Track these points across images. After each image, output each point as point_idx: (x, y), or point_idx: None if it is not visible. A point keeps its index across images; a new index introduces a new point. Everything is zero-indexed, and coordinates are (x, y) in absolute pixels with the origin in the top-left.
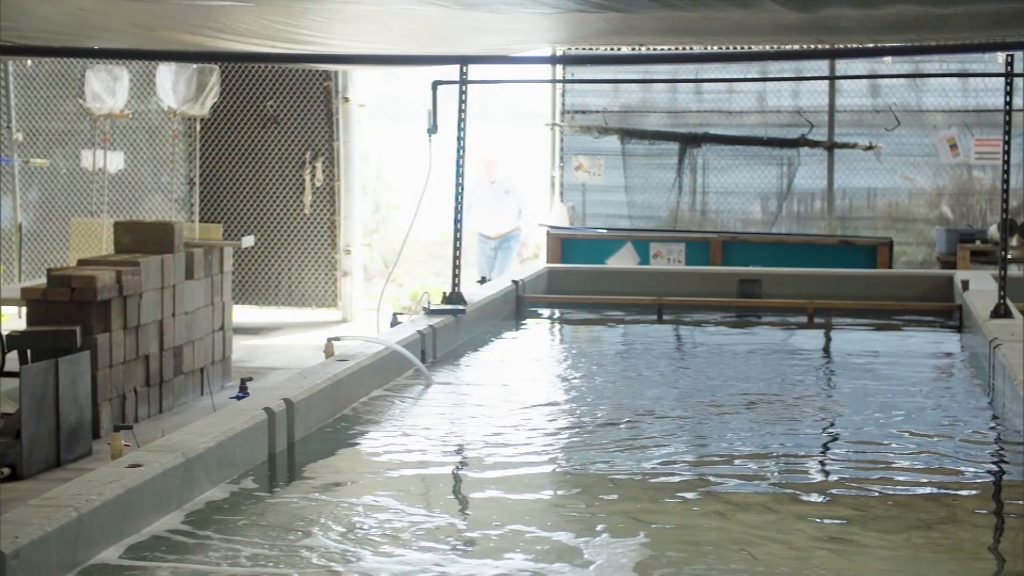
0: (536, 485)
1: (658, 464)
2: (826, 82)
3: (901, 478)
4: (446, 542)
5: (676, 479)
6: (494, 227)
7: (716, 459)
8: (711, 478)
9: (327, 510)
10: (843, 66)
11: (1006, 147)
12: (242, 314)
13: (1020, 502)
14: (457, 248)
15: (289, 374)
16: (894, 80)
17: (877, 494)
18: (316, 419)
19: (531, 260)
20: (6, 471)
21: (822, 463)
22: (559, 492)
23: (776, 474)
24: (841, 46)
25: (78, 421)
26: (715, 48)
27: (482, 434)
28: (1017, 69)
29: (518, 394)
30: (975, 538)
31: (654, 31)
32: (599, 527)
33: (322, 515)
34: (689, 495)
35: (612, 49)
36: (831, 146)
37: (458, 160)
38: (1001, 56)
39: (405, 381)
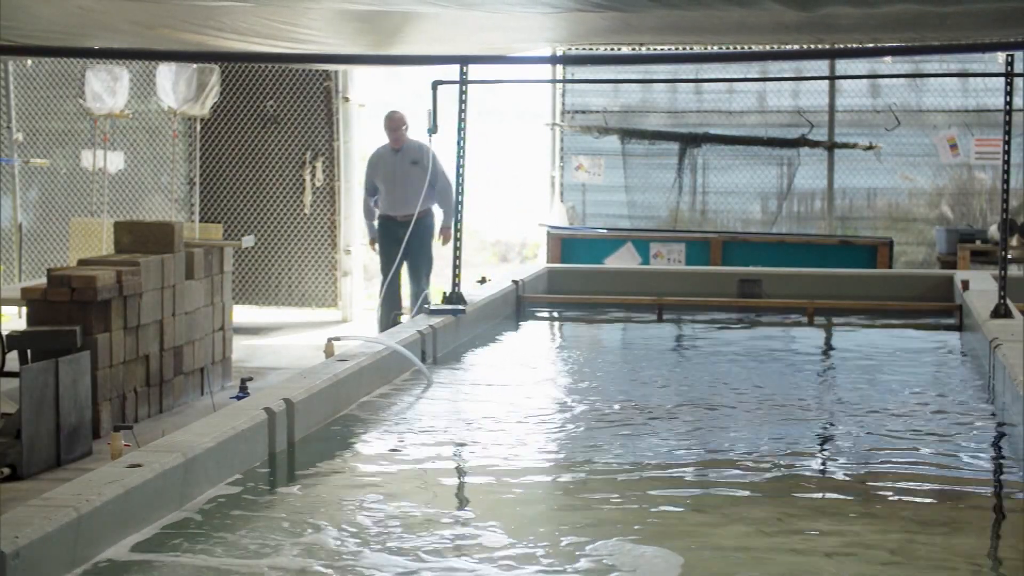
0: (537, 485)
1: (660, 464)
2: (826, 82)
3: (901, 478)
4: (446, 542)
5: (678, 479)
6: (398, 207)
7: (717, 458)
8: (713, 477)
9: (327, 510)
10: (843, 66)
11: (1006, 147)
12: (242, 314)
13: (1021, 503)
14: (457, 248)
15: (289, 374)
16: (894, 80)
17: (878, 494)
18: (316, 419)
19: (531, 260)
20: (6, 471)
21: (822, 463)
22: (560, 492)
23: (777, 474)
24: (841, 46)
25: (78, 421)
26: (715, 48)
27: (482, 434)
28: (1017, 69)
29: (518, 394)
30: (975, 539)
31: (653, 29)
32: (601, 527)
33: (322, 515)
34: (691, 495)
35: (612, 49)
36: (831, 146)
37: (458, 160)
38: (1001, 56)
39: (405, 381)
